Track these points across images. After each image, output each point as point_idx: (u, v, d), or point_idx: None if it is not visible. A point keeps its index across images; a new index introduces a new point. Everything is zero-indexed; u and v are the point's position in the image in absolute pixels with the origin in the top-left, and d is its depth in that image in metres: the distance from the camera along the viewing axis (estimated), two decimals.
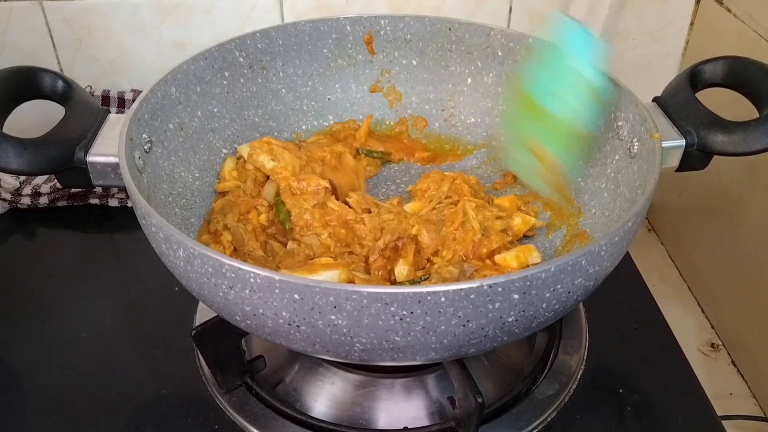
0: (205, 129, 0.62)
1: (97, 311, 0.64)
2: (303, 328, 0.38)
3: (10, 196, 0.76)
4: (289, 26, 0.66)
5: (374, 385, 0.54)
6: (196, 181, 0.60)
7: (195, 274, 0.40)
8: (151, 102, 0.54)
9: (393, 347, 0.39)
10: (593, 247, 0.39)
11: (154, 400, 0.55)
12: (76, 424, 0.54)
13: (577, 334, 0.60)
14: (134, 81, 0.85)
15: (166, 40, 0.83)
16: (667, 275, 0.82)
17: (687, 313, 0.78)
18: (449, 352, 0.41)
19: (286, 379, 0.56)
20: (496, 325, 0.39)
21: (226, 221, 0.56)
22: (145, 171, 0.52)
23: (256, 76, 0.65)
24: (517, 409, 0.54)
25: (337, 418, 0.53)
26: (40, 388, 0.57)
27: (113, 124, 0.51)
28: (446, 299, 0.36)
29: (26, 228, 0.77)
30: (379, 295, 0.36)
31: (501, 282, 0.36)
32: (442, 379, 0.55)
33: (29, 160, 0.48)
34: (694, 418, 0.55)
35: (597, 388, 0.57)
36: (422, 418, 0.53)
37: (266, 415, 0.53)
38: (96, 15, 0.81)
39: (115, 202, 0.78)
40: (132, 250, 0.73)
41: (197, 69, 0.60)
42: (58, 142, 0.49)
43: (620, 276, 0.45)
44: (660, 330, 0.63)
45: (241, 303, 0.39)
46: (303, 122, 0.70)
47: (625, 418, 0.54)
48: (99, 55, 0.84)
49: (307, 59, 0.68)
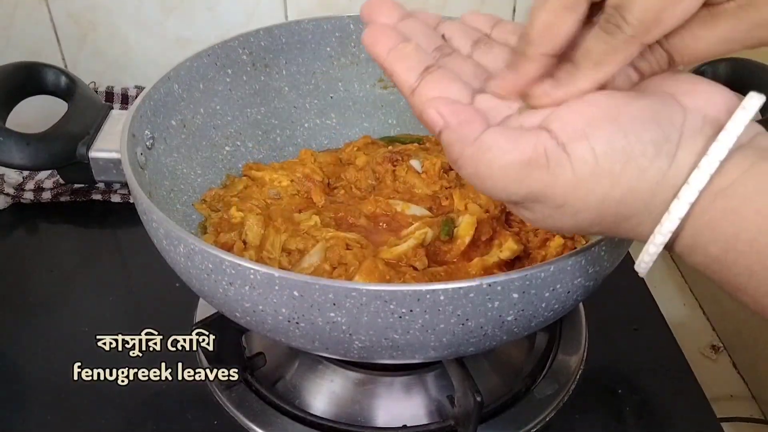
0: (207, 126, 0.62)
1: (98, 306, 0.65)
2: (302, 325, 0.38)
3: (13, 191, 0.76)
4: (293, 24, 0.66)
5: (374, 383, 0.55)
6: (198, 178, 0.60)
7: (195, 270, 0.41)
8: (154, 98, 0.54)
9: (392, 345, 0.39)
10: (593, 248, 0.39)
11: (154, 396, 0.56)
12: (76, 418, 0.54)
13: (577, 334, 0.60)
14: (138, 77, 0.85)
15: (170, 37, 0.84)
16: (668, 276, 0.82)
17: (688, 315, 0.78)
18: (448, 351, 0.41)
19: (286, 376, 0.56)
20: (495, 324, 0.39)
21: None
22: (147, 167, 0.52)
23: (259, 74, 0.65)
24: (516, 408, 0.54)
25: (337, 416, 0.53)
26: (41, 382, 0.57)
27: (116, 120, 0.52)
28: (445, 298, 0.36)
29: (29, 223, 0.77)
30: (378, 292, 0.36)
31: (500, 281, 0.36)
32: (441, 378, 0.55)
33: (32, 155, 0.48)
34: (693, 419, 0.55)
35: (596, 388, 0.57)
36: (421, 416, 0.53)
37: (266, 411, 0.53)
38: (101, 11, 0.81)
39: (117, 197, 0.78)
40: (134, 246, 0.73)
41: (200, 66, 0.60)
42: (61, 137, 0.49)
43: (621, 276, 0.45)
44: (660, 331, 0.63)
45: (240, 299, 0.39)
46: (305, 120, 0.70)
47: (624, 419, 0.54)
48: (103, 50, 0.85)
49: (310, 57, 0.68)
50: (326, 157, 0.65)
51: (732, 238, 0.27)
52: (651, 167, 0.28)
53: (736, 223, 0.27)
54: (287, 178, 0.62)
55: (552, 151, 0.29)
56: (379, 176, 0.61)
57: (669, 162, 0.28)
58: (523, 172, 0.29)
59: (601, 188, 0.28)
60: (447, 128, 0.31)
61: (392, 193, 0.60)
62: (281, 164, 0.65)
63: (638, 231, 0.30)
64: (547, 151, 0.29)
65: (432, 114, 0.31)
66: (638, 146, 0.28)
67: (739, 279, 0.28)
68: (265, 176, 0.62)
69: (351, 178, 0.62)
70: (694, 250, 0.29)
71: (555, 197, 0.29)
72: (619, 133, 0.28)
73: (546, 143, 0.29)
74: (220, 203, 0.60)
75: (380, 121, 0.72)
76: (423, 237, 0.53)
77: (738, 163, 0.27)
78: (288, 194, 0.61)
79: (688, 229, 0.28)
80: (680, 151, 0.28)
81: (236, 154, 0.65)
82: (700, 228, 0.28)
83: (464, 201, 0.58)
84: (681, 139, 0.28)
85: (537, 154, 0.29)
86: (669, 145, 0.28)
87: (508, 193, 0.30)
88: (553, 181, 0.29)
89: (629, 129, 0.28)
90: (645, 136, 0.28)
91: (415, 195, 0.60)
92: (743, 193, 0.27)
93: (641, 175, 0.28)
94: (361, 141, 0.69)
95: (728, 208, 0.27)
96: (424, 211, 0.58)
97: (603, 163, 0.28)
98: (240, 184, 0.62)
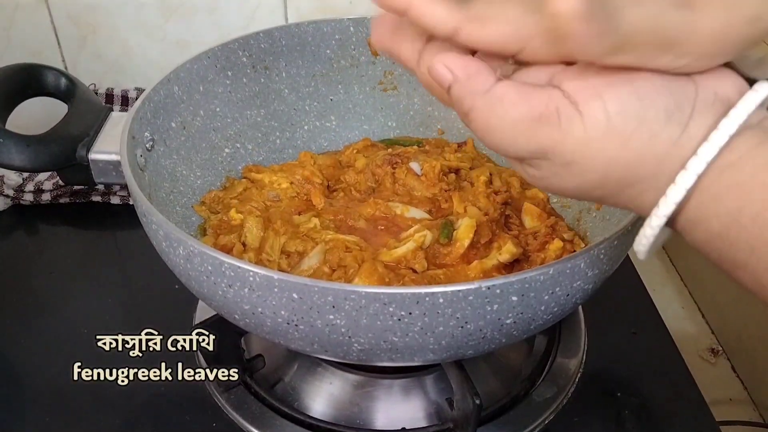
0: (207, 128, 0.62)
1: (97, 308, 0.65)
2: (301, 327, 0.39)
3: (12, 193, 0.76)
4: (293, 27, 0.66)
5: (373, 385, 0.55)
6: (198, 180, 0.60)
7: (195, 272, 0.41)
8: (154, 100, 0.54)
9: (391, 348, 0.39)
10: (592, 250, 0.39)
11: (153, 398, 0.56)
12: (75, 421, 0.54)
13: (576, 338, 0.60)
14: (138, 79, 0.85)
15: (170, 39, 0.84)
16: (667, 280, 0.82)
17: (687, 318, 0.78)
18: (447, 354, 0.41)
19: (285, 379, 0.56)
20: (495, 327, 0.39)
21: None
22: (147, 169, 0.52)
23: (259, 76, 0.65)
24: (515, 411, 0.54)
25: (336, 418, 0.53)
26: (41, 384, 0.57)
27: (116, 122, 0.52)
28: (444, 300, 0.36)
29: (28, 224, 0.77)
30: (377, 295, 0.36)
31: (499, 284, 0.36)
32: (440, 381, 0.55)
33: (32, 157, 0.48)
34: (692, 422, 0.55)
35: (595, 391, 0.57)
36: (420, 419, 0.53)
37: (264, 413, 0.53)
38: (101, 13, 0.81)
39: (117, 199, 0.78)
40: (133, 248, 0.73)
41: (200, 68, 0.60)
42: (61, 139, 0.49)
43: (620, 279, 0.45)
44: (659, 334, 0.63)
45: (240, 301, 0.39)
46: (305, 122, 0.70)
47: (622, 422, 0.54)
48: (103, 52, 0.85)
49: (310, 60, 0.68)
50: (326, 160, 0.65)
51: (736, 212, 0.27)
52: (662, 133, 0.28)
53: (742, 197, 0.27)
54: (287, 181, 0.62)
55: (564, 109, 0.29)
56: (379, 179, 0.62)
57: (680, 131, 0.28)
58: (533, 128, 0.29)
59: (611, 149, 0.29)
60: (456, 82, 0.31)
61: (392, 196, 0.60)
62: (281, 166, 0.65)
63: (639, 200, 0.30)
64: (559, 108, 0.29)
65: (440, 68, 0.31)
66: (651, 111, 0.28)
67: (739, 255, 0.28)
68: (265, 178, 0.62)
69: (350, 181, 0.62)
70: (696, 225, 0.29)
71: (564, 154, 0.29)
72: (633, 95, 0.28)
73: (558, 101, 0.29)
74: (220, 205, 0.60)
75: (380, 124, 0.72)
76: (422, 240, 0.53)
77: (746, 140, 0.27)
78: (287, 196, 0.61)
79: (692, 202, 0.28)
80: (691, 122, 0.28)
81: (236, 156, 0.65)
82: (706, 202, 0.28)
83: (463, 204, 0.58)
84: (693, 112, 0.28)
85: (549, 110, 0.29)
86: (681, 114, 0.28)
87: (516, 149, 0.30)
88: (562, 138, 0.29)
89: (643, 93, 0.28)
90: (659, 101, 0.28)
91: (414, 198, 0.60)
92: (751, 168, 0.27)
93: (652, 140, 0.28)
94: (361, 143, 0.69)
95: (734, 182, 0.27)
96: (423, 214, 0.58)
97: (615, 124, 0.28)
98: (239, 187, 0.62)
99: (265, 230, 0.56)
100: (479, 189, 0.59)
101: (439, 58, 0.31)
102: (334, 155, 0.68)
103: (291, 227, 0.56)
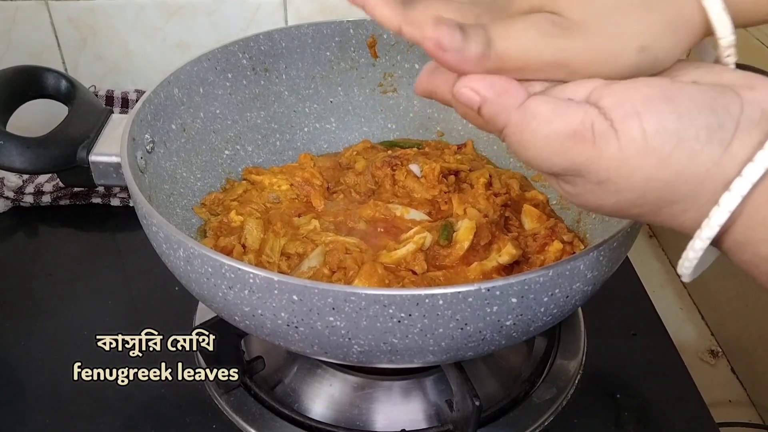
0: (207, 130, 0.62)
1: (97, 310, 0.65)
2: (301, 329, 0.39)
3: (12, 194, 0.76)
4: (293, 29, 0.66)
5: (372, 387, 0.55)
6: (198, 182, 0.60)
7: (195, 274, 0.41)
8: (154, 102, 0.54)
9: (391, 349, 0.39)
10: (592, 252, 0.39)
11: (153, 400, 0.56)
12: (75, 423, 0.54)
13: (576, 339, 0.60)
14: (138, 81, 0.86)
15: (170, 41, 0.84)
16: (667, 281, 0.82)
17: (687, 320, 0.78)
18: (447, 355, 0.41)
19: (285, 380, 0.56)
20: (494, 329, 0.39)
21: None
22: (147, 171, 0.52)
23: (259, 78, 0.66)
24: (514, 412, 0.54)
25: (335, 420, 0.53)
26: (40, 386, 0.57)
27: (116, 124, 0.52)
28: (444, 302, 0.36)
29: (29, 226, 0.77)
30: (377, 297, 0.36)
31: (499, 285, 0.36)
32: (440, 382, 0.55)
33: (32, 159, 0.48)
34: (691, 424, 0.54)
35: (595, 393, 0.57)
36: (420, 420, 0.53)
37: (264, 415, 0.53)
38: (101, 15, 0.82)
39: (117, 201, 0.78)
40: (133, 250, 0.73)
41: (200, 70, 0.60)
42: (61, 141, 0.49)
43: (620, 281, 0.45)
44: (659, 336, 0.63)
45: (240, 303, 0.39)
46: (305, 124, 0.70)
47: (622, 424, 0.54)
48: (103, 54, 0.85)
49: (310, 62, 0.68)
50: (326, 162, 0.66)
51: None
52: (702, 152, 0.27)
53: None
54: (287, 182, 0.62)
55: (599, 127, 0.28)
56: (379, 180, 0.62)
57: (722, 150, 0.27)
58: (566, 144, 0.29)
59: (648, 168, 0.28)
60: (486, 102, 0.30)
61: (391, 198, 0.60)
62: (281, 168, 0.65)
63: (680, 219, 0.30)
64: (594, 125, 0.28)
65: (465, 92, 0.30)
66: (691, 130, 0.27)
67: None
68: (265, 180, 0.62)
69: (350, 183, 0.63)
70: (743, 248, 0.28)
71: (598, 172, 0.29)
72: (672, 114, 0.27)
73: (594, 118, 0.28)
74: (220, 207, 0.60)
75: (380, 126, 0.72)
76: (422, 241, 0.53)
77: None
78: (287, 198, 0.61)
79: (739, 224, 0.28)
80: (735, 142, 0.27)
81: (236, 158, 0.65)
82: (754, 225, 0.27)
83: (463, 205, 0.58)
84: (737, 130, 0.27)
85: (583, 127, 0.28)
86: (723, 133, 0.27)
87: (550, 164, 0.30)
88: (597, 156, 0.28)
89: (684, 111, 0.27)
90: (699, 120, 0.27)
91: (414, 199, 0.60)
92: None
93: (692, 159, 0.27)
94: (361, 145, 0.69)
95: None
96: (423, 216, 0.58)
97: (653, 143, 0.27)
98: (239, 188, 0.62)
99: (265, 232, 0.56)
100: (479, 191, 0.60)
101: (464, 83, 0.30)
102: (333, 157, 0.68)
103: (291, 229, 0.56)
